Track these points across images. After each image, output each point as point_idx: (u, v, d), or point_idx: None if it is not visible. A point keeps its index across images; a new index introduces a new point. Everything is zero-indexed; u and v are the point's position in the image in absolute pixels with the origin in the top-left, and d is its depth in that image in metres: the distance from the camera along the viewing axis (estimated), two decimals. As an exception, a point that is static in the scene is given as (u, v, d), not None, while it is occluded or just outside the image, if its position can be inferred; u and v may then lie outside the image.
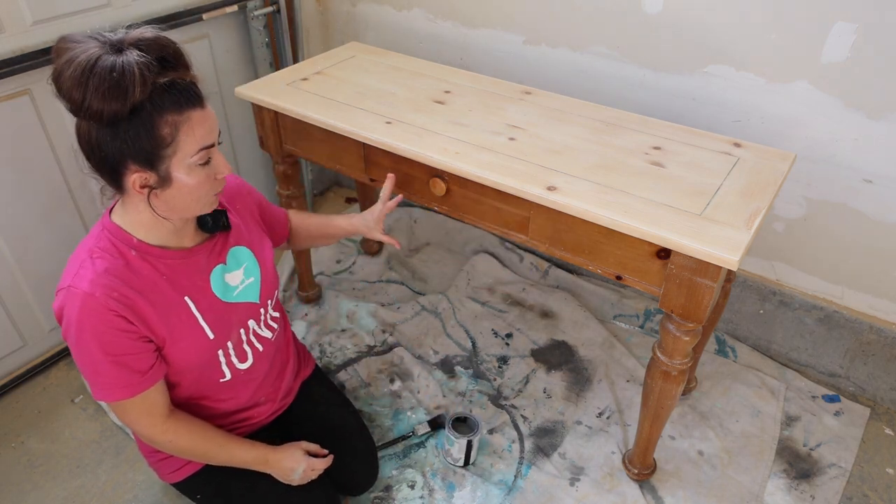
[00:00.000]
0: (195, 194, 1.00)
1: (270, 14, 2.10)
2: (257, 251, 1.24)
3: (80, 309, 0.97)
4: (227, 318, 1.16)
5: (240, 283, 1.19)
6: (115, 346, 1.00)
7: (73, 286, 0.99)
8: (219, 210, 1.15)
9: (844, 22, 1.39)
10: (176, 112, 0.92)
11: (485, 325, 1.97)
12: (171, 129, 0.92)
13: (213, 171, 1.01)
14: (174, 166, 0.95)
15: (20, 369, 1.79)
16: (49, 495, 1.49)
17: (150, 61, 0.89)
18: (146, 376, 1.04)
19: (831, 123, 1.51)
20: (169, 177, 0.96)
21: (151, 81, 0.89)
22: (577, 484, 1.51)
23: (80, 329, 0.98)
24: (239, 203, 1.25)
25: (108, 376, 1.02)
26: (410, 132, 1.40)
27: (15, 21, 1.50)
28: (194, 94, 0.95)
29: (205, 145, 0.97)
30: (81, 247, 1.05)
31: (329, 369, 1.80)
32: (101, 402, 1.68)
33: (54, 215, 1.72)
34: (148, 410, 1.08)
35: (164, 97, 0.91)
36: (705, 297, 1.12)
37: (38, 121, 1.61)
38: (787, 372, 1.82)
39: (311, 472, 1.26)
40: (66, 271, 1.03)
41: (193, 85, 0.95)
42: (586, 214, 1.16)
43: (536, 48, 1.87)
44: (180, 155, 0.94)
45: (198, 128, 0.95)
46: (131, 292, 1.01)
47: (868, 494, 1.52)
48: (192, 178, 0.97)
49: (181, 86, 0.93)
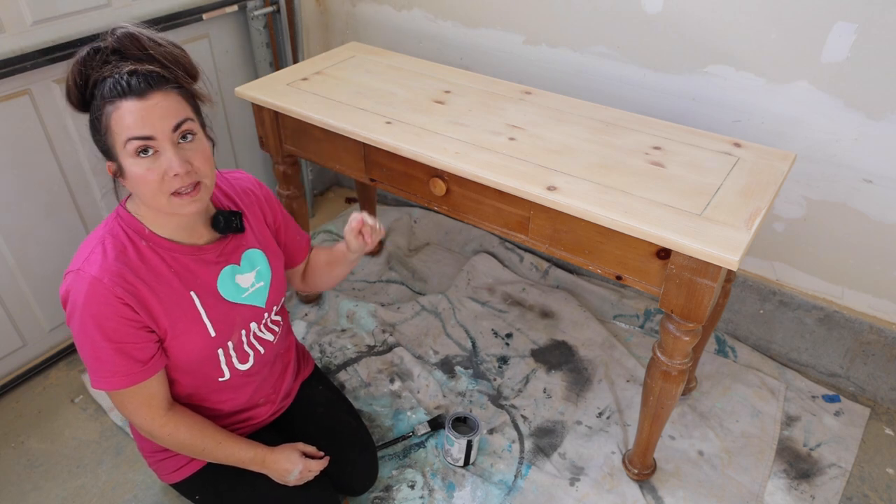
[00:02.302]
0: (145, 187, 0.97)
1: (270, 14, 2.10)
2: (271, 257, 1.24)
3: (87, 292, 0.99)
4: (231, 317, 1.16)
5: (250, 287, 1.19)
6: (118, 333, 1.01)
7: (83, 270, 1.00)
8: (234, 211, 1.15)
9: (844, 22, 1.39)
10: (109, 101, 0.93)
11: (485, 325, 1.97)
12: (107, 117, 0.94)
13: (159, 166, 0.95)
14: (120, 155, 0.96)
15: (20, 369, 1.79)
16: (49, 495, 1.49)
17: (90, 54, 0.94)
18: (147, 366, 1.05)
19: (831, 123, 1.51)
20: (121, 166, 0.97)
21: (90, 72, 0.94)
22: (577, 484, 1.51)
23: (84, 313, 0.99)
24: (254, 206, 1.24)
25: (108, 363, 1.02)
26: (410, 132, 1.40)
27: (15, 21, 1.50)
28: (135, 84, 0.92)
29: (132, 136, 0.93)
30: (95, 233, 1.06)
31: (329, 369, 1.80)
32: (101, 395, 1.70)
33: (54, 215, 1.72)
34: (147, 402, 1.09)
35: (104, 87, 0.94)
36: (705, 297, 1.12)
37: (38, 121, 1.61)
38: (787, 372, 1.82)
39: (308, 474, 1.26)
40: (77, 255, 1.04)
41: (146, 75, 0.94)
42: (586, 214, 1.16)
43: (536, 48, 1.87)
44: (118, 144, 0.95)
45: (127, 117, 0.92)
46: (138, 281, 1.02)
47: (868, 494, 1.52)
48: (134, 169, 0.96)
49: (122, 75, 0.93)
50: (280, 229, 1.31)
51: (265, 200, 1.27)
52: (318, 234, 2.38)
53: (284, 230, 1.32)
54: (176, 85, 0.98)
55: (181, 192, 0.99)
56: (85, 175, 1.76)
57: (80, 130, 1.70)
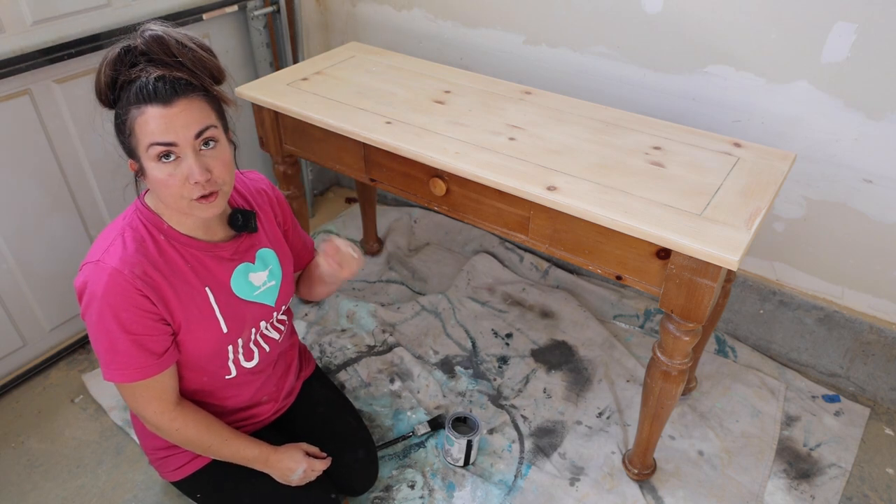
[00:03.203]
0: (165, 190, 0.98)
1: (270, 14, 2.11)
2: (282, 257, 1.25)
3: (107, 283, 0.99)
4: (242, 315, 1.17)
5: (262, 285, 1.20)
6: (136, 325, 1.02)
7: (103, 261, 1.01)
8: (250, 211, 1.16)
9: (844, 22, 1.39)
10: (135, 105, 0.94)
11: (485, 325, 1.97)
12: (132, 120, 0.95)
13: (181, 172, 0.97)
14: (142, 158, 0.97)
15: (20, 369, 1.79)
16: (49, 495, 1.49)
17: (121, 55, 0.95)
18: (161, 359, 1.06)
19: (831, 123, 1.51)
20: (143, 167, 0.99)
21: (119, 73, 0.95)
22: (577, 484, 1.51)
23: (102, 303, 1.00)
24: (266, 207, 1.25)
25: (124, 355, 1.03)
26: (410, 132, 1.40)
27: (15, 21, 1.50)
28: (161, 91, 0.93)
29: (155, 142, 0.94)
30: (114, 225, 1.07)
31: (329, 369, 1.80)
32: (101, 395, 1.70)
33: (54, 215, 1.72)
34: (158, 396, 1.09)
35: (130, 90, 0.94)
36: (705, 297, 1.12)
37: (38, 121, 1.61)
38: (787, 372, 1.82)
39: (311, 474, 1.26)
40: (96, 247, 1.04)
41: (173, 81, 0.94)
42: (586, 214, 1.16)
43: (536, 48, 1.87)
44: (140, 147, 0.96)
45: (152, 123, 0.93)
46: (157, 274, 1.03)
47: (868, 494, 1.52)
48: (156, 173, 0.97)
49: (149, 81, 0.93)
50: (289, 231, 1.32)
51: (277, 202, 1.28)
52: (317, 235, 2.38)
53: (293, 234, 1.34)
54: (202, 91, 0.99)
55: (199, 197, 1.01)
56: (85, 175, 1.76)
57: (80, 131, 1.70)
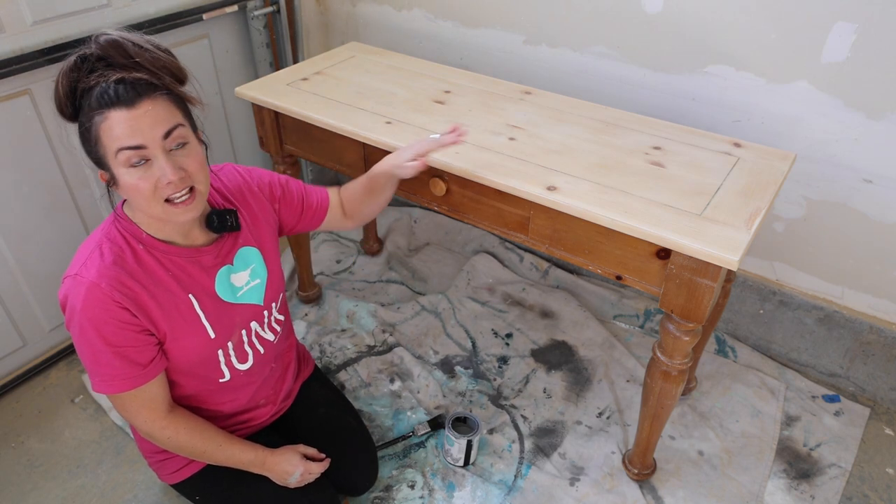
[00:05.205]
0: (139, 196, 0.96)
1: (270, 14, 2.11)
2: (266, 253, 1.23)
3: (85, 297, 0.98)
4: (230, 318, 1.16)
5: (245, 285, 1.19)
6: (117, 337, 1.01)
7: (80, 275, 1.00)
8: (228, 210, 1.13)
9: (844, 22, 1.39)
10: (97, 111, 0.91)
11: (485, 325, 1.97)
12: (96, 128, 0.92)
13: (152, 174, 0.94)
14: (112, 165, 0.94)
15: (20, 369, 1.79)
16: (49, 495, 1.49)
17: (77, 63, 0.92)
18: (147, 369, 1.05)
19: (831, 123, 1.51)
20: (114, 175, 0.96)
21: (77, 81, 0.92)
22: (577, 484, 1.51)
23: (82, 317, 0.99)
24: (249, 200, 1.21)
25: (108, 367, 1.02)
26: (410, 132, 1.40)
27: (15, 21, 1.50)
28: (123, 93, 0.90)
29: (123, 146, 0.91)
30: (92, 237, 1.06)
31: (329, 369, 1.80)
32: (101, 396, 1.70)
33: (54, 215, 1.72)
34: (148, 405, 1.09)
35: (91, 96, 0.92)
36: (705, 297, 1.12)
37: (38, 121, 1.61)
38: (787, 372, 1.82)
39: (308, 476, 1.26)
40: (75, 259, 1.04)
41: (134, 82, 0.92)
42: (586, 214, 1.16)
43: (536, 48, 1.87)
44: (109, 154, 0.93)
45: (117, 127, 0.91)
46: (136, 285, 1.02)
47: (868, 494, 1.52)
48: (127, 179, 0.94)
49: (109, 84, 0.91)
50: (285, 196, 1.27)
51: (256, 186, 1.23)
52: (317, 234, 2.39)
53: (294, 194, 1.28)
54: (164, 91, 0.96)
55: (175, 201, 0.98)
56: (85, 175, 1.76)
57: (80, 130, 1.70)
